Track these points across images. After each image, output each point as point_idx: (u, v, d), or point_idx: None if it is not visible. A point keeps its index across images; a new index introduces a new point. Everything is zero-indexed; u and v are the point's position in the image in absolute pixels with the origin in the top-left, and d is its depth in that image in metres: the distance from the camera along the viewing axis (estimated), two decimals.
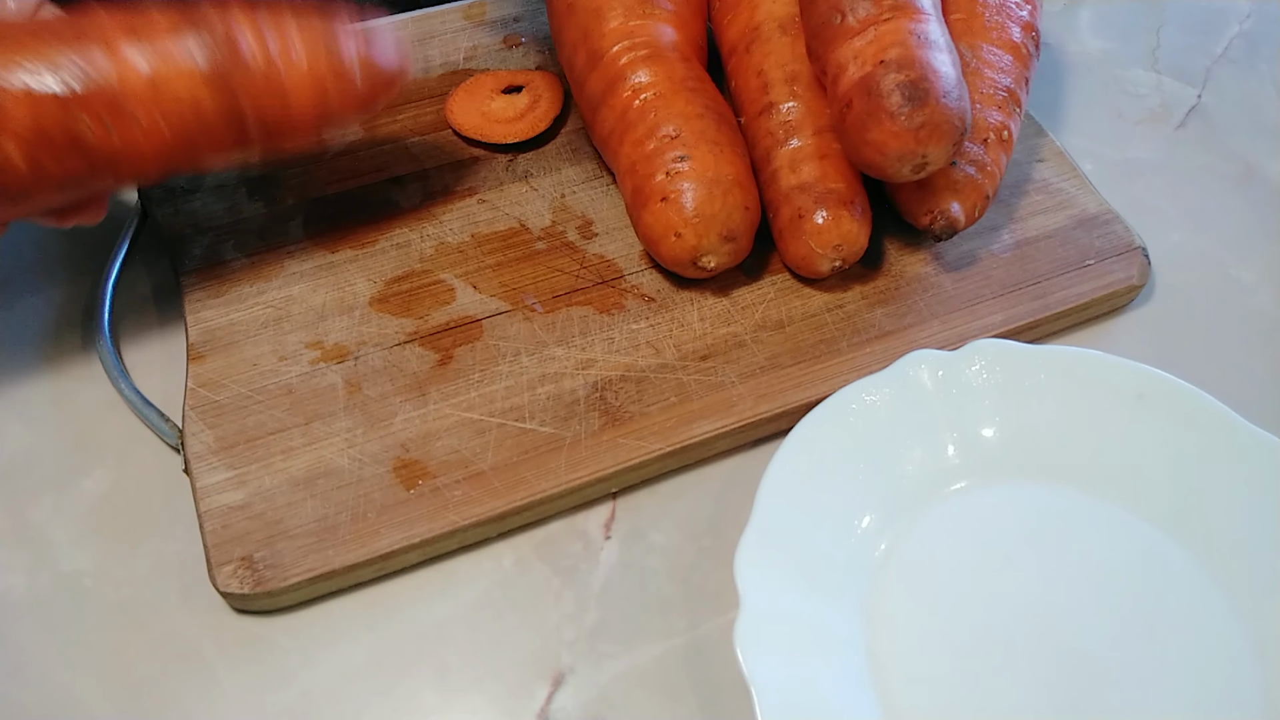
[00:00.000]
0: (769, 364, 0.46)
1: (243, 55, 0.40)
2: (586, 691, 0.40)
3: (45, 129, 0.38)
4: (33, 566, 0.42)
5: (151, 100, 0.39)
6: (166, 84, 0.39)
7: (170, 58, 0.39)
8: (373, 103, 0.44)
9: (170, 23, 0.40)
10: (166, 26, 0.40)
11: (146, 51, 0.39)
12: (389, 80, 0.44)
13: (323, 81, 0.41)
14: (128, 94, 0.39)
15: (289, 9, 0.42)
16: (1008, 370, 0.44)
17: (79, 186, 0.41)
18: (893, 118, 0.42)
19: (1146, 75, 0.62)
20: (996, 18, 0.50)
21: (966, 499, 0.43)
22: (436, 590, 0.42)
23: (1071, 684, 0.39)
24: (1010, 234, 0.51)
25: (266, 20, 0.41)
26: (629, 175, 0.47)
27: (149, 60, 0.39)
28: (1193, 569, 0.41)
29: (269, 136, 0.42)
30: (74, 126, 0.38)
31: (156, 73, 0.39)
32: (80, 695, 0.39)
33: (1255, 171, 0.57)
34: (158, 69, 0.39)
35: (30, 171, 0.39)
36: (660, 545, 0.43)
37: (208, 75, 0.40)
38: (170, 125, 0.40)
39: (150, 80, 0.39)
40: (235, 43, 0.40)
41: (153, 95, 0.39)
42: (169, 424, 0.44)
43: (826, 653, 0.38)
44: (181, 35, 0.40)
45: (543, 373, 0.45)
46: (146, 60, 0.39)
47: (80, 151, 0.39)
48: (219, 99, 0.40)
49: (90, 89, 0.38)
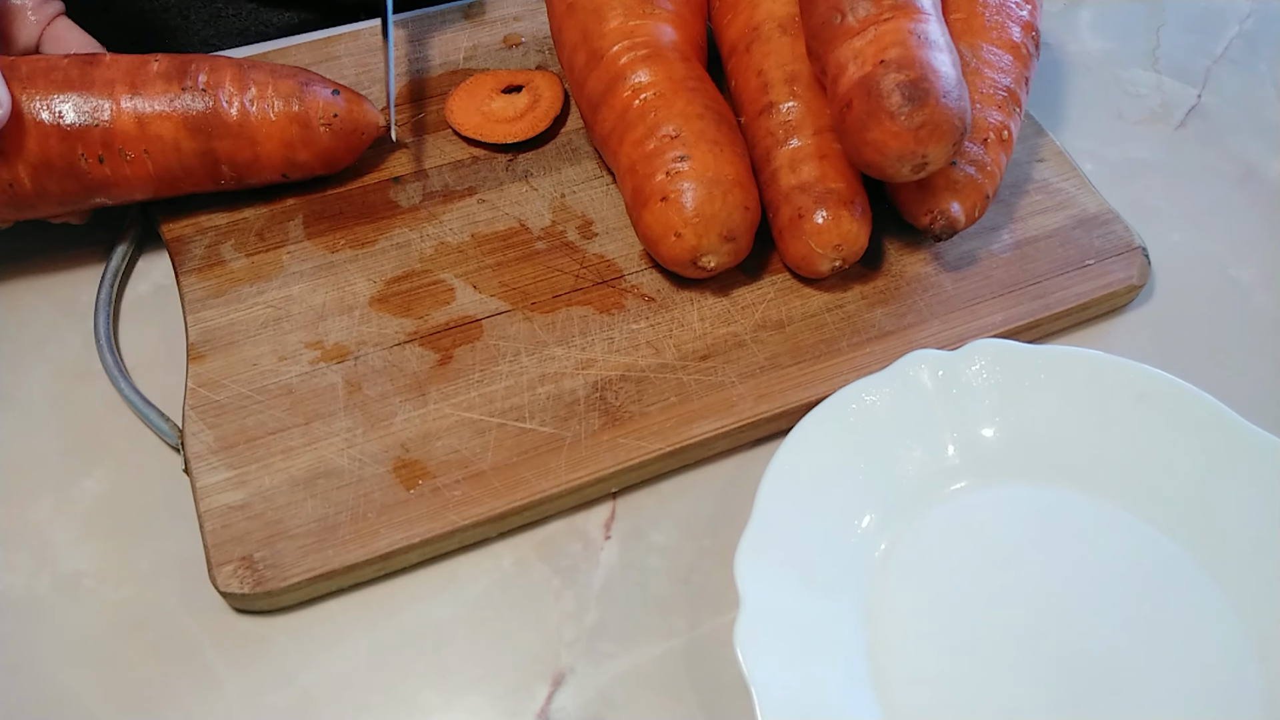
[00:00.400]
0: (769, 364, 0.46)
1: (221, 107, 0.47)
2: (586, 691, 0.40)
3: (49, 158, 0.45)
4: (33, 566, 0.42)
5: (139, 140, 0.46)
6: (153, 127, 0.46)
7: (159, 106, 0.46)
8: (339, 155, 0.50)
9: (165, 75, 0.46)
10: (161, 78, 0.46)
11: (140, 99, 0.46)
12: (357, 138, 0.50)
13: (290, 134, 0.48)
14: (119, 134, 0.46)
15: (269, 70, 0.48)
16: (1008, 370, 0.44)
17: (75, 203, 0.47)
18: (893, 118, 0.42)
19: (1146, 75, 0.62)
20: (996, 18, 0.50)
21: (966, 499, 0.43)
22: (436, 590, 0.42)
23: (1071, 684, 0.39)
24: (1010, 234, 0.51)
25: (248, 78, 0.48)
26: (629, 175, 0.47)
27: (141, 107, 0.46)
28: (1193, 569, 0.41)
29: (239, 175, 0.49)
30: (72, 157, 0.45)
31: (145, 118, 0.46)
32: (80, 695, 0.39)
33: (1255, 171, 0.57)
34: (146, 115, 0.46)
35: (34, 191, 0.46)
36: (660, 545, 0.43)
37: (189, 122, 0.46)
38: (154, 161, 0.47)
39: (139, 123, 0.46)
40: (216, 96, 0.47)
41: (140, 136, 0.46)
42: (169, 424, 0.44)
43: (826, 653, 0.38)
44: (171, 86, 0.46)
45: (543, 373, 0.45)
46: (138, 107, 0.46)
47: (76, 177, 0.46)
48: (196, 142, 0.47)
49: (89, 128, 0.45)
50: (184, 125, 0.46)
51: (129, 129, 0.46)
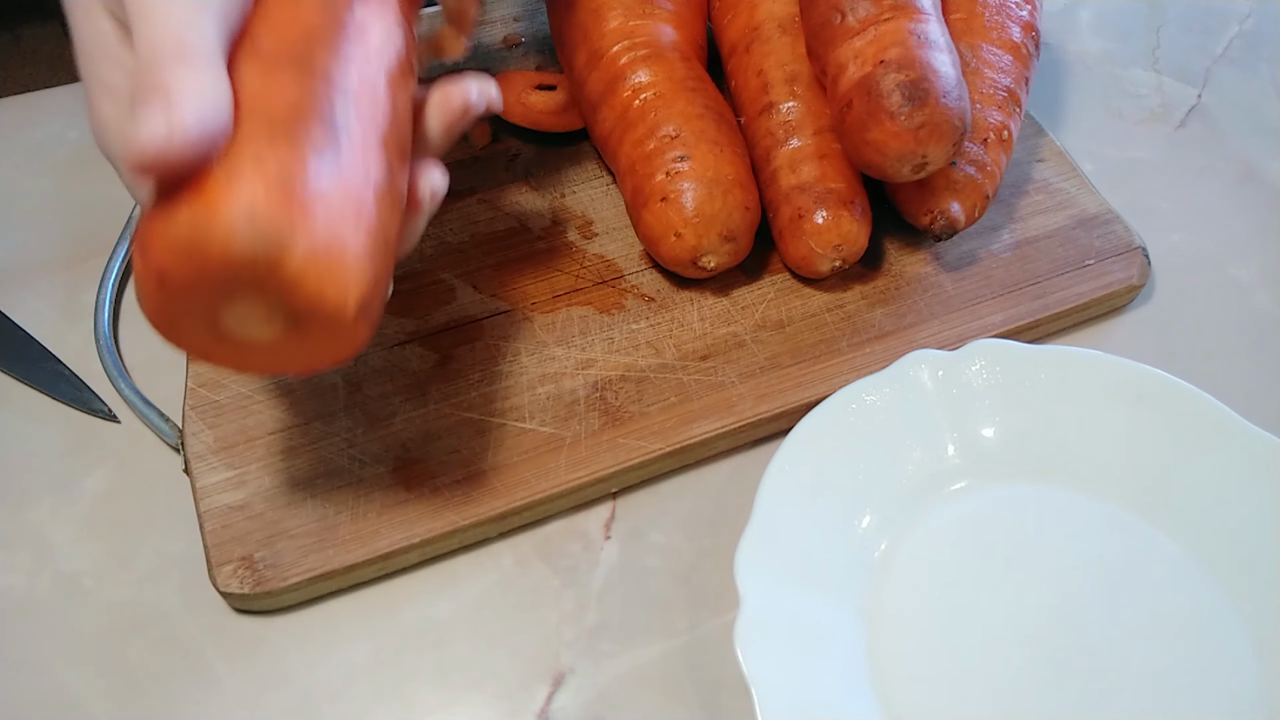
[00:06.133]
0: (769, 364, 0.46)
1: None
2: (586, 691, 0.40)
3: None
4: (33, 566, 0.42)
5: None
6: None
7: None
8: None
9: None
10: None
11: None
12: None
13: None
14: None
15: None
16: (1008, 370, 0.44)
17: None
18: (893, 118, 0.42)
19: (1146, 75, 0.62)
20: (996, 18, 0.50)
21: (966, 499, 0.43)
22: (436, 590, 0.42)
23: (1071, 683, 0.39)
24: (1010, 234, 0.51)
25: None
26: (629, 175, 0.47)
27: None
28: (1193, 569, 0.41)
29: None
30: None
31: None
32: (80, 695, 0.39)
33: (1255, 171, 0.57)
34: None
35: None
36: (660, 545, 0.43)
37: None
38: None
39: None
40: None
41: None
42: (169, 424, 0.44)
43: (826, 652, 0.38)
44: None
45: (543, 373, 0.45)
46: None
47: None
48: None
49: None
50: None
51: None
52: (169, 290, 0.29)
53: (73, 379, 0.46)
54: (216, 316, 0.31)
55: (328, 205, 0.30)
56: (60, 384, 0.46)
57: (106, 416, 0.46)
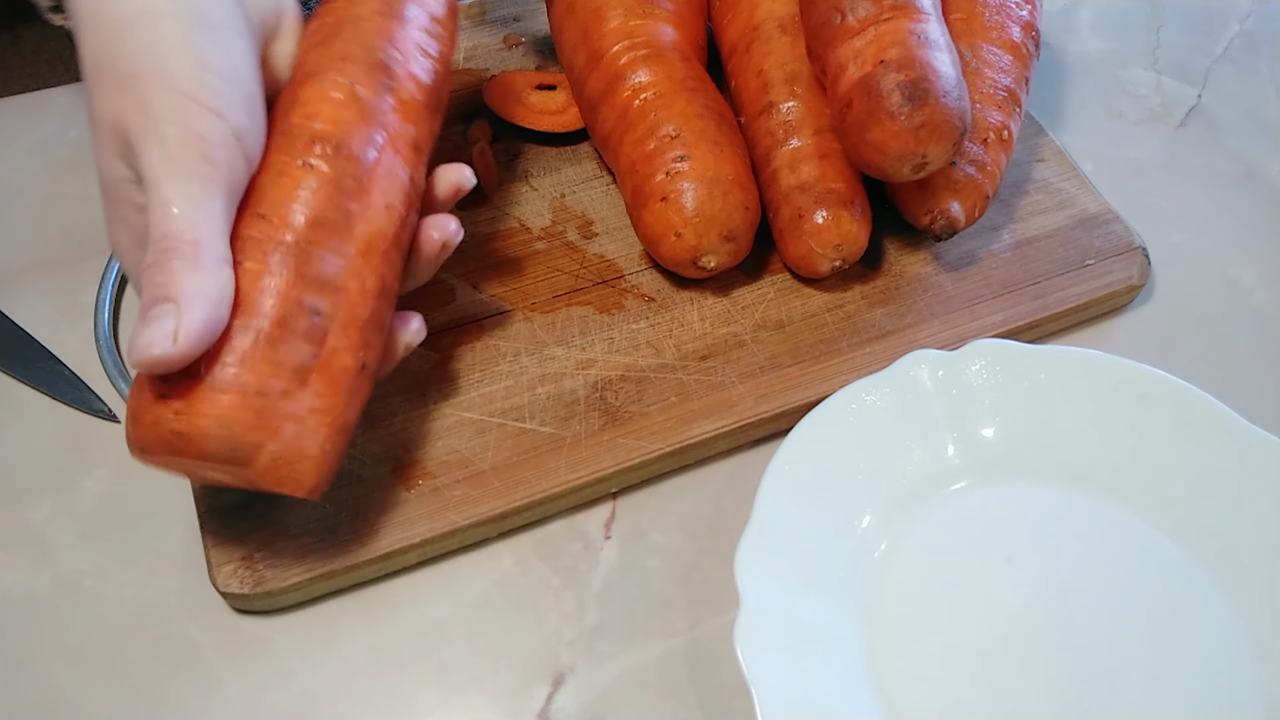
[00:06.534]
0: (769, 364, 0.46)
1: None
2: (586, 691, 0.40)
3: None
4: (33, 566, 0.42)
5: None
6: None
7: None
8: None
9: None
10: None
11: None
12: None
13: None
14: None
15: None
16: (1008, 370, 0.44)
17: None
18: (893, 118, 0.42)
19: (1146, 75, 0.62)
20: (996, 18, 0.50)
21: (966, 499, 0.43)
22: (436, 590, 0.42)
23: (1071, 684, 0.39)
24: (1010, 234, 0.51)
25: None
26: (629, 175, 0.47)
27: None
28: (1193, 569, 0.41)
29: None
30: None
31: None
32: (80, 695, 0.39)
33: (1255, 171, 0.57)
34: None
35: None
36: (660, 545, 0.43)
37: None
38: None
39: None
40: None
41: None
42: None
43: (826, 652, 0.38)
44: None
45: (543, 373, 0.45)
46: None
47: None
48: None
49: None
50: None
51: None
52: (151, 457, 0.35)
53: (73, 379, 0.46)
54: (191, 469, 0.36)
55: (296, 421, 0.35)
56: (60, 384, 0.46)
57: (106, 416, 0.46)
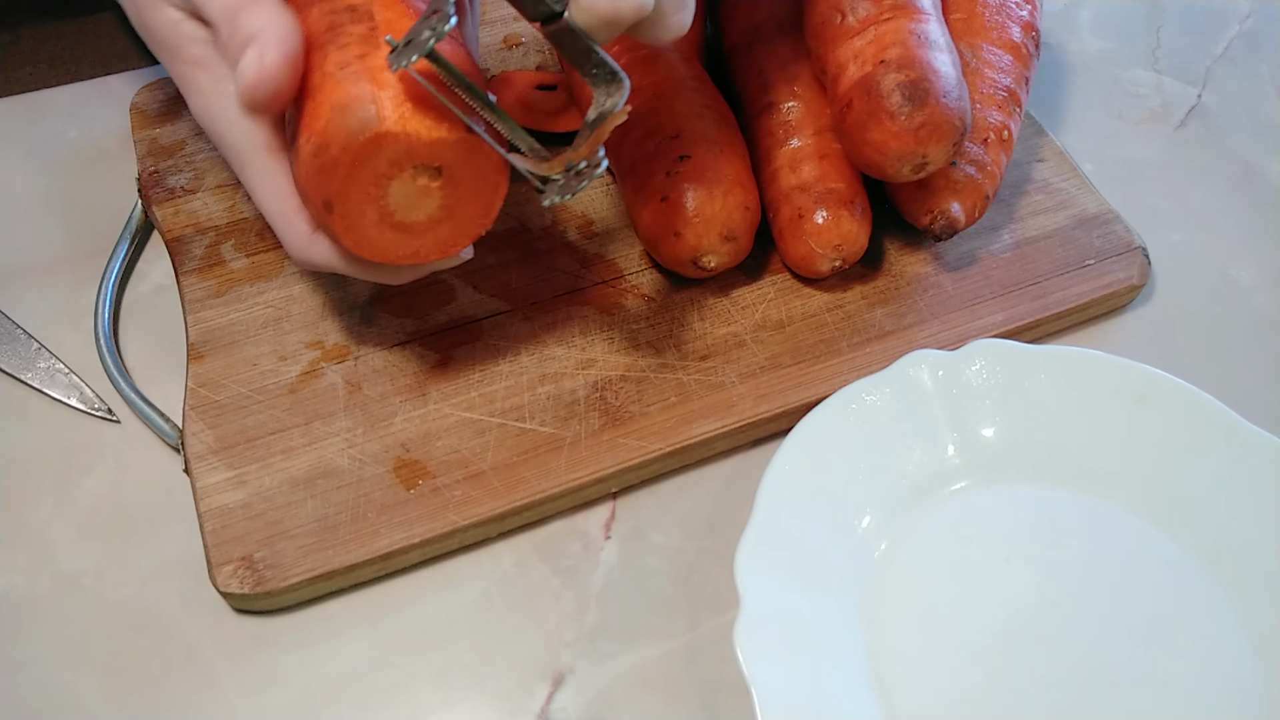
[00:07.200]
0: (769, 364, 0.46)
1: None
2: (586, 691, 0.40)
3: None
4: (33, 566, 0.42)
5: None
6: None
7: None
8: None
9: None
10: None
11: None
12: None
13: None
14: None
15: None
16: (1008, 370, 0.44)
17: None
18: (893, 118, 0.42)
19: (1146, 75, 0.62)
20: (996, 18, 0.50)
21: (966, 499, 0.43)
22: (436, 590, 0.42)
23: (1071, 684, 0.39)
24: (1010, 234, 0.51)
25: None
26: (629, 175, 0.47)
27: None
28: (1193, 569, 0.41)
29: None
30: None
31: None
32: (80, 695, 0.39)
33: (1255, 171, 0.57)
34: None
35: None
36: (660, 545, 0.43)
37: None
38: None
39: None
40: None
41: None
42: (169, 424, 0.44)
43: (826, 653, 0.38)
44: None
45: (543, 373, 0.45)
46: None
47: None
48: None
49: None
50: None
51: None
52: (340, 189, 0.37)
53: (73, 379, 0.46)
54: (384, 197, 0.37)
55: (406, 79, 0.36)
56: (60, 384, 0.46)
57: (106, 416, 0.46)
